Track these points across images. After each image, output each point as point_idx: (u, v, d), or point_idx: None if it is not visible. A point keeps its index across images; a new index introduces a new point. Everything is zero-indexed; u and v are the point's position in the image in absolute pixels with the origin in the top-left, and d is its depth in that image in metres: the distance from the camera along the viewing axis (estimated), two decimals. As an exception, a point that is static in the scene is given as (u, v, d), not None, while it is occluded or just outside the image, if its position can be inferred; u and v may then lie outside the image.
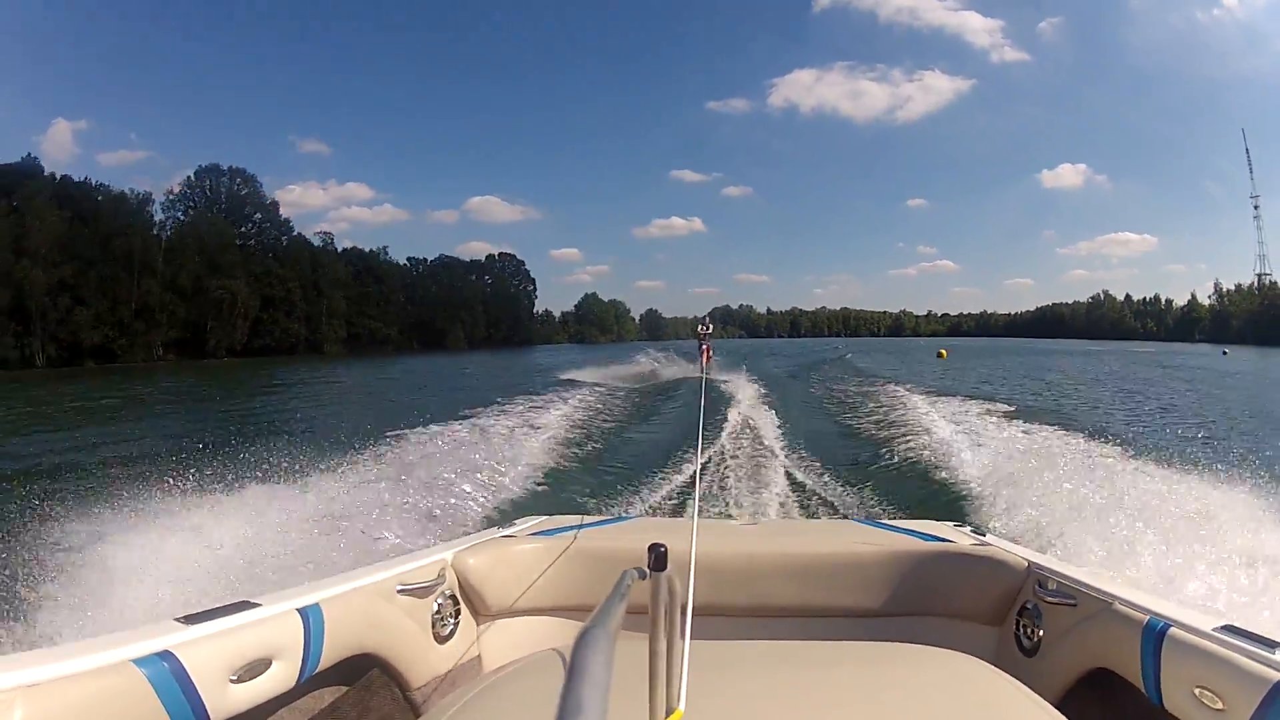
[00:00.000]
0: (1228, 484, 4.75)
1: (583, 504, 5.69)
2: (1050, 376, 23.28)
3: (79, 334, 48.10)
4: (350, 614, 1.46)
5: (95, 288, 49.06)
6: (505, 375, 27.91)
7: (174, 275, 53.91)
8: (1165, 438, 9.01)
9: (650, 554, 0.72)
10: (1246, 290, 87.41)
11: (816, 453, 8.02)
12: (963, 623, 1.82)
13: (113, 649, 1.06)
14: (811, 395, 15.77)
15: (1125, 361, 33.15)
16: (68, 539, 3.67)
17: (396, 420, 8.96)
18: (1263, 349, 53.55)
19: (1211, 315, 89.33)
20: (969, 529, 2.30)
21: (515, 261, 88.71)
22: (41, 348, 46.85)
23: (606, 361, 22.97)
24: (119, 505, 3.96)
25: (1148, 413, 13.51)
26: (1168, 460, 5.81)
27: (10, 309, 45.44)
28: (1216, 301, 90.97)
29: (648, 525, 2.86)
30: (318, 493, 4.71)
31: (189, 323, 54.90)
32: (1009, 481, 5.54)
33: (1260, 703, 1.03)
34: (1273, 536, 3.92)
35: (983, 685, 1.04)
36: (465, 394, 17.36)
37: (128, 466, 5.87)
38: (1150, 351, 47.06)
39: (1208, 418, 12.39)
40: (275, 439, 6.40)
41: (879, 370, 22.50)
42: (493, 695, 1.02)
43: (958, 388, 15.87)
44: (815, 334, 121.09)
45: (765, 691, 0.97)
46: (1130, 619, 1.35)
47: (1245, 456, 5.77)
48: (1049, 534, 4.28)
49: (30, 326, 46.37)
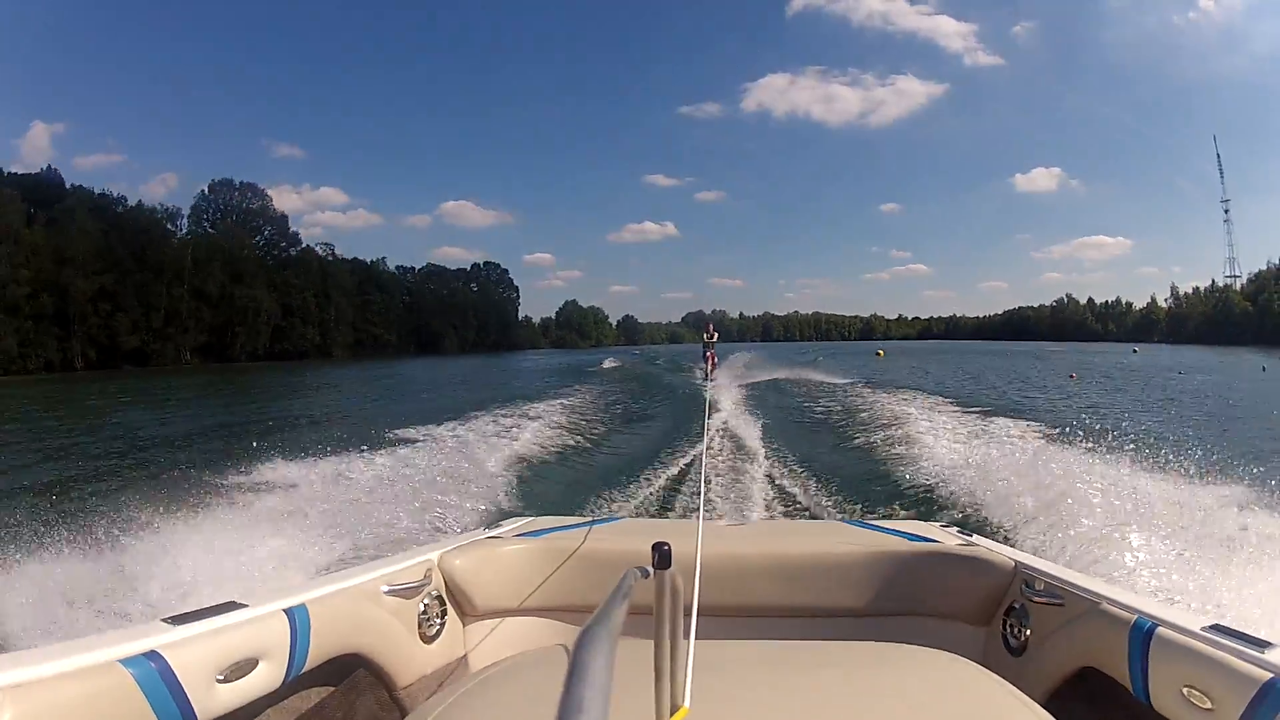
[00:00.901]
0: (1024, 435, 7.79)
1: (569, 506, 5.71)
2: (934, 369, 28.70)
3: (117, 339, 52.60)
4: (336, 614, 1.47)
5: (132, 296, 53.70)
6: (519, 377, 29.86)
7: (201, 284, 58.50)
8: (968, 402, 13.57)
9: (654, 552, 0.72)
10: (1201, 294, 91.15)
11: (793, 451, 8.29)
12: (951, 623, 1.83)
13: (100, 649, 1.06)
14: (786, 393, 16.84)
15: (1031, 359, 37.63)
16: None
17: (409, 414, 10.47)
18: (1214, 348, 57.35)
19: (1168, 317, 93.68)
20: (956, 529, 2.34)
21: (500, 270, 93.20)
22: (81, 351, 51.23)
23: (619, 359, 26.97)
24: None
25: (979, 390, 18.35)
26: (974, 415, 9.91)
27: (53, 315, 49.84)
28: (1173, 304, 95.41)
29: (633, 527, 2.89)
30: (315, 487, 5.08)
31: (214, 328, 59.44)
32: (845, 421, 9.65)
33: (1249, 702, 1.04)
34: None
35: (971, 685, 1.05)
36: (466, 395, 19.40)
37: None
38: (1061, 350, 52.08)
39: (1010, 392, 17.72)
40: (321, 431, 8.48)
41: (831, 366, 26.20)
42: (479, 695, 1.02)
43: (860, 376, 20.80)
44: (787, 338, 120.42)
45: (755, 691, 0.98)
46: (1118, 619, 1.36)
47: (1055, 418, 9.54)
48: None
49: (71, 331, 50.78)
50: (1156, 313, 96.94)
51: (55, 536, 3.75)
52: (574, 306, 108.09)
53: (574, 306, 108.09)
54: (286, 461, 6.23)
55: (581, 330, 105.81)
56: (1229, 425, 12.01)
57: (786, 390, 16.64)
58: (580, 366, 30.39)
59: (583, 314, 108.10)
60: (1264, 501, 4.64)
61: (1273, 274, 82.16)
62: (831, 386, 16.77)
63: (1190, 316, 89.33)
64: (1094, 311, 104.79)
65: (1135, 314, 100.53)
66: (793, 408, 13.40)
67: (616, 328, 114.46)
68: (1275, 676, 1.04)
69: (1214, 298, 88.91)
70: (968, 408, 11.62)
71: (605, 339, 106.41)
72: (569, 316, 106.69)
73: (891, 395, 13.77)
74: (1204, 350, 53.60)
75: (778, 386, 17.36)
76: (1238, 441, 8.83)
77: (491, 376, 31.68)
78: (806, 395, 15.21)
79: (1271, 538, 3.97)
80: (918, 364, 33.53)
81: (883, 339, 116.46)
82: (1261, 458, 6.14)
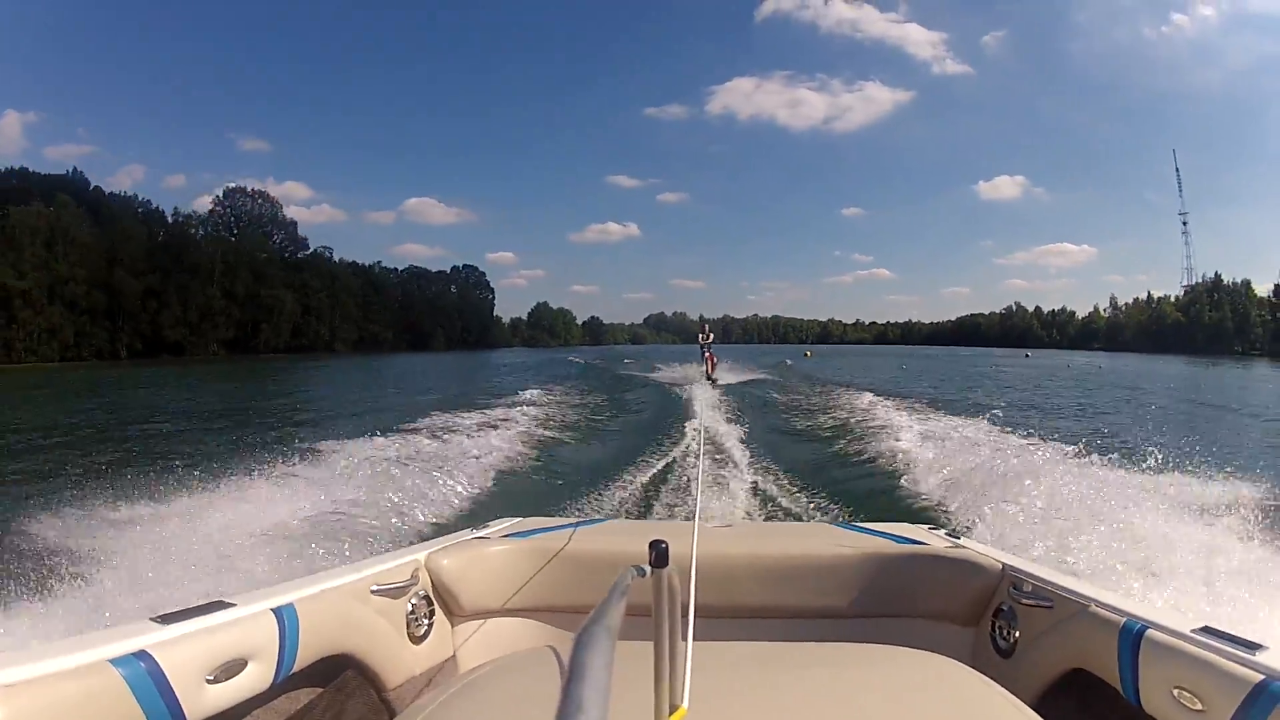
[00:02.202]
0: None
1: (556, 506, 5.70)
2: (837, 363, 36.21)
3: (161, 332, 59.60)
4: (324, 614, 1.47)
5: (174, 294, 60.96)
6: (523, 371, 31.80)
7: (230, 285, 65.69)
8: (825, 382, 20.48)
9: (652, 550, 0.73)
10: (1138, 305, 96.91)
11: (764, 449, 8.43)
12: (940, 624, 1.84)
13: (89, 649, 1.06)
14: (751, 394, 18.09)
15: (940, 361, 44.88)
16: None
17: (414, 407, 11.48)
18: (1144, 355, 62.10)
19: (1107, 326, 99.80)
20: (944, 531, 2.35)
21: (478, 273, 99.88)
22: (127, 343, 58.33)
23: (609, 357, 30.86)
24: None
25: (851, 376, 24.82)
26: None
27: (104, 310, 57.08)
28: (1112, 314, 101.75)
29: (621, 528, 2.80)
30: (300, 486, 5.14)
31: (241, 324, 66.64)
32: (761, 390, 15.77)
33: (1240, 704, 1.04)
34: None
35: (960, 686, 1.06)
36: (461, 390, 21.40)
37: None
38: (970, 355, 60.35)
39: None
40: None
41: (770, 363, 31.40)
42: (468, 695, 1.02)
43: (780, 372, 26.11)
44: (746, 341, 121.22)
45: (745, 692, 0.99)
46: (1107, 621, 1.37)
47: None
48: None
49: (119, 324, 57.91)
50: (1098, 321, 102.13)
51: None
52: (545, 308, 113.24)
53: (545, 308, 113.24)
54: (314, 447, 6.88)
55: (552, 330, 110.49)
56: (994, 394, 18.17)
57: (745, 387, 18.83)
58: (557, 362, 34.78)
59: (553, 315, 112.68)
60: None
61: (1205, 287, 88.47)
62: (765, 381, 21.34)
63: (1127, 326, 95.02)
64: (1040, 320, 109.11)
65: (1078, 323, 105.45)
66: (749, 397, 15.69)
67: (582, 328, 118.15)
68: (1266, 678, 1.04)
69: (1149, 309, 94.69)
70: (814, 386, 18.74)
71: (572, 339, 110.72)
72: (540, 317, 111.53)
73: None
74: (1113, 356, 60.14)
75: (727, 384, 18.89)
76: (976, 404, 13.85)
77: (482, 372, 34.76)
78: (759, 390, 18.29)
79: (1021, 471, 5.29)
80: (832, 362, 41.41)
81: (839, 342, 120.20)
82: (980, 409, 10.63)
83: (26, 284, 50.90)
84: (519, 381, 19.93)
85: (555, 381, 19.95)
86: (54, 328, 52.93)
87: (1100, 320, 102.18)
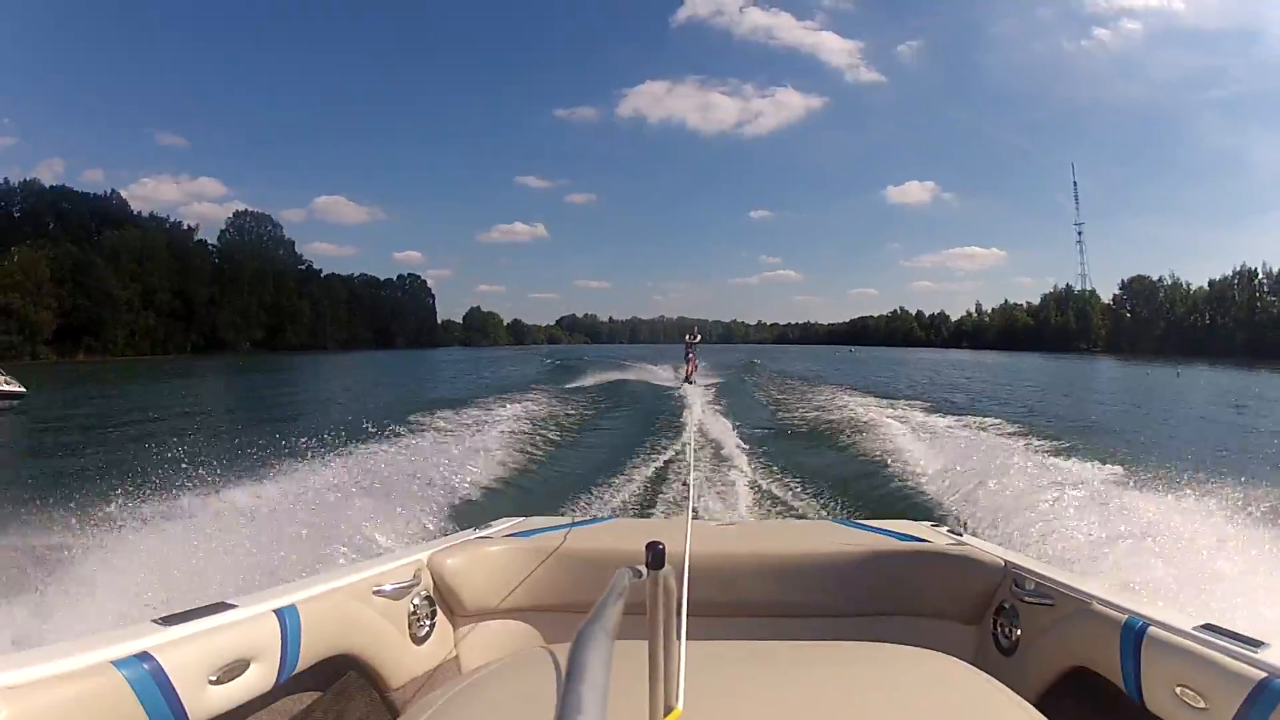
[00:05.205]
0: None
1: (556, 506, 5.70)
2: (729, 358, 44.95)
3: (217, 332, 77.51)
4: (326, 615, 1.47)
5: (226, 302, 79.02)
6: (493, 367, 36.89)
7: (261, 294, 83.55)
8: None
9: (648, 552, 0.72)
10: (999, 310, 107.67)
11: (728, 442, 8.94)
12: (942, 622, 1.84)
13: (92, 650, 1.07)
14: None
15: (795, 354, 56.46)
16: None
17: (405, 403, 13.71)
18: (1001, 352, 69.08)
19: (973, 328, 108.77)
20: (946, 529, 2.35)
21: (420, 280, 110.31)
22: (192, 340, 76.06)
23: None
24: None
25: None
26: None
27: (181, 314, 75.02)
28: (978, 318, 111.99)
29: (620, 527, 2.84)
30: (297, 484, 5.19)
31: (268, 327, 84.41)
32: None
33: (1243, 701, 1.04)
34: None
35: (962, 684, 1.05)
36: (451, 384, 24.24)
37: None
38: (826, 350, 72.81)
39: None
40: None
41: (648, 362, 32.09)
42: (471, 695, 1.02)
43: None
44: (653, 341, 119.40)
45: (747, 692, 0.98)
46: (1109, 618, 1.37)
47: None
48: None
49: (189, 325, 75.66)
50: (967, 324, 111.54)
51: None
52: (478, 312, 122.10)
53: (478, 312, 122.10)
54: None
55: (484, 331, 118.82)
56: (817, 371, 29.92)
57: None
58: (509, 360, 43.26)
59: (484, 318, 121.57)
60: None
61: (1056, 296, 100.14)
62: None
63: (990, 329, 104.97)
64: (920, 322, 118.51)
65: (952, 325, 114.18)
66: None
67: (507, 330, 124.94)
68: (1269, 675, 1.04)
69: (1006, 314, 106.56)
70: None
71: (499, 340, 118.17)
72: (474, 320, 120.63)
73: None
74: (977, 353, 69.12)
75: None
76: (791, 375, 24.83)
77: (447, 367, 40.12)
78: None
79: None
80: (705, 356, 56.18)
81: (741, 343, 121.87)
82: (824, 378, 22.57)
83: (129, 293, 68.46)
84: (478, 371, 27.69)
85: (539, 381, 21.21)
86: (149, 328, 70.76)
87: (969, 323, 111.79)
